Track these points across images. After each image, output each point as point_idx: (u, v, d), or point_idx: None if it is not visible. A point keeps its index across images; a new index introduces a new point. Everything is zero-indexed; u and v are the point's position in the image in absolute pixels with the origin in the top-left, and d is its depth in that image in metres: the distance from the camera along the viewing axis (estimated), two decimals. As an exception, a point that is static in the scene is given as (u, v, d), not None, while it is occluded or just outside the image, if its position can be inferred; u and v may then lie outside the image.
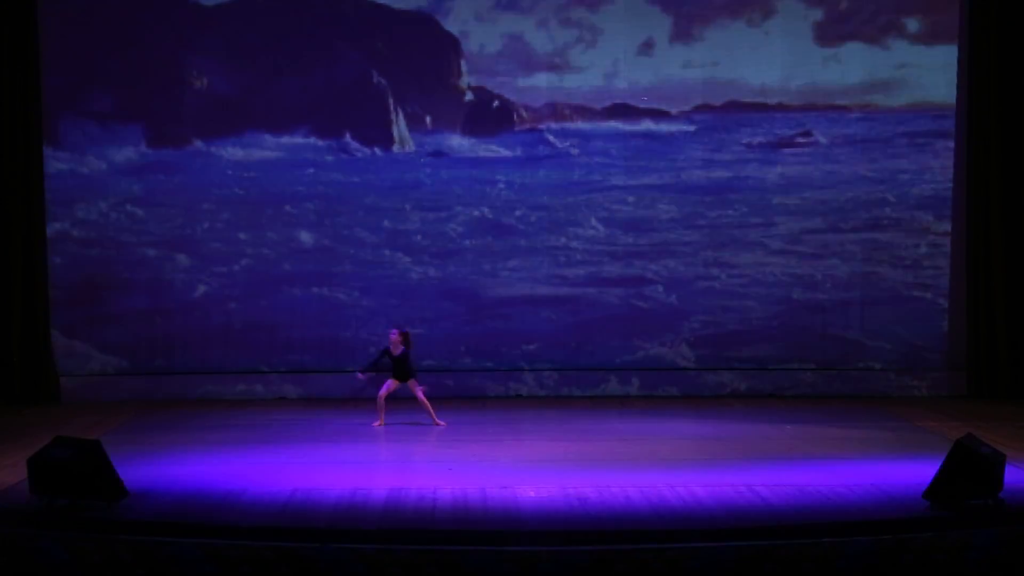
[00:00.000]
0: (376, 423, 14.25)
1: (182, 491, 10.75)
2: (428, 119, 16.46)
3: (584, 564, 8.82)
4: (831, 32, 16.39)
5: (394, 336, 14.32)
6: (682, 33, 16.41)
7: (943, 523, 9.55)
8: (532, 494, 10.62)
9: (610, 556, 8.85)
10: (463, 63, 16.42)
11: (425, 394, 14.34)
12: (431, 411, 14.27)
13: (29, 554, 8.98)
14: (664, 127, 16.45)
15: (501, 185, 16.47)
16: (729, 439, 13.44)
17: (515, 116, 16.46)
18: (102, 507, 9.98)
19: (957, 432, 11.59)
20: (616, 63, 16.41)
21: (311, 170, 16.37)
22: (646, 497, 10.46)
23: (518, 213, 16.50)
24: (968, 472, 9.93)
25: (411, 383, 14.29)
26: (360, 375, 14.78)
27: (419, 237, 16.46)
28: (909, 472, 11.19)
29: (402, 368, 14.28)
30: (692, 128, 16.46)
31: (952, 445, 10.27)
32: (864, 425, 14.22)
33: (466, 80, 16.45)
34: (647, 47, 16.42)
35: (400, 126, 16.41)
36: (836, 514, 9.88)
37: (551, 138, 16.47)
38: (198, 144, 16.32)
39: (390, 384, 14.32)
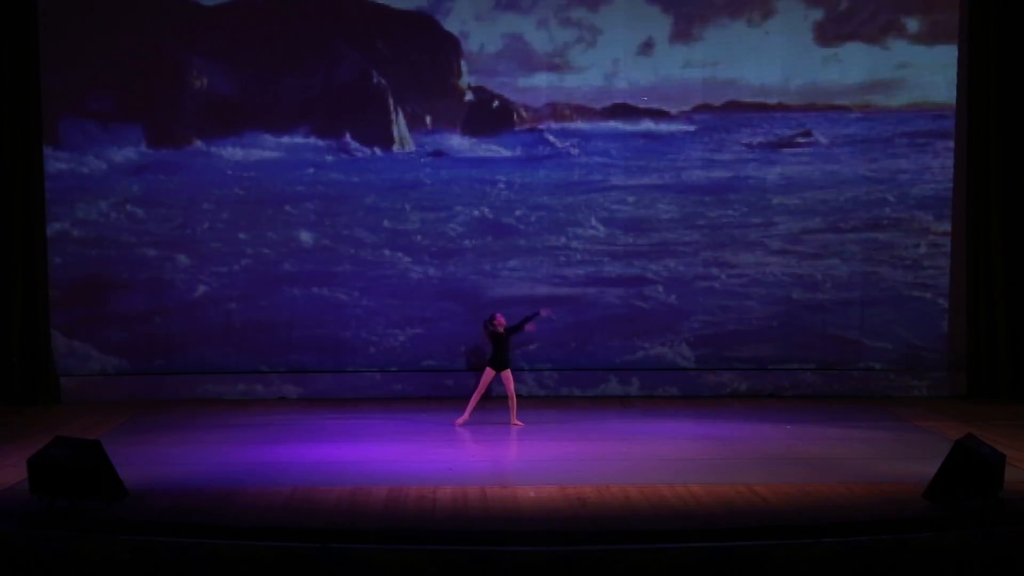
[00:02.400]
0: (459, 421, 14.29)
1: (182, 491, 10.76)
2: (428, 119, 16.46)
3: (584, 564, 8.81)
4: (831, 32, 16.39)
5: (501, 319, 14.30)
6: (682, 33, 16.41)
7: (943, 523, 9.56)
8: (532, 494, 10.63)
9: (610, 556, 8.85)
10: (463, 63, 16.42)
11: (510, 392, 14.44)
12: (514, 408, 14.30)
13: (29, 554, 8.97)
14: (664, 127, 16.45)
15: (501, 185, 16.47)
16: (729, 439, 13.44)
17: (515, 116, 16.46)
18: (102, 507, 9.99)
19: (957, 432, 11.60)
20: (616, 63, 16.41)
21: (311, 170, 16.37)
22: (646, 497, 10.47)
23: (518, 213, 16.50)
24: (968, 472, 9.93)
25: (506, 374, 14.28)
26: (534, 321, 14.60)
27: (419, 237, 16.46)
28: (909, 472, 11.20)
29: (503, 354, 14.25)
30: (692, 128, 16.46)
31: (952, 445, 10.28)
32: (864, 425, 14.22)
33: (466, 80, 16.45)
34: (647, 47, 16.42)
35: (400, 126, 16.41)
36: (836, 514, 9.89)
37: (551, 138, 16.47)
38: (198, 144, 16.32)
39: (488, 376, 14.29)
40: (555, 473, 11.52)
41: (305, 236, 16.40)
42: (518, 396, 16.24)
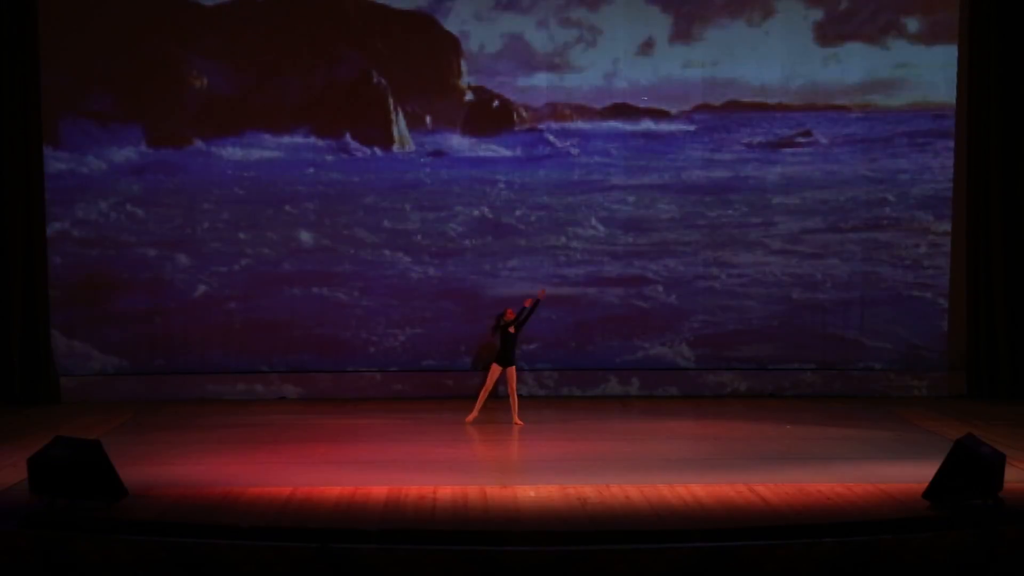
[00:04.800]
0: (469, 418, 14.27)
1: (182, 491, 10.75)
2: (428, 119, 16.46)
3: (584, 564, 8.82)
4: (831, 32, 16.39)
5: (511, 313, 14.32)
6: (682, 33, 16.41)
7: (943, 523, 9.56)
8: (532, 494, 10.63)
9: (610, 556, 8.85)
10: (463, 63, 16.42)
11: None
12: (516, 407, 14.32)
13: (29, 554, 8.98)
14: (664, 127, 16.45)
15: (501, 185, 16.47)
16: (729, 439, 13.44)
17: (515, 116, 16.46)
18: (102, 507, 9.99)
19: (957, 432, 11.59)
20: (616, 63, 16.42)
21: (311, 170, 16.38)
22: (646, 497, 10.46)
23: (518, 213, 16.50)
24: (968, 472, 9.93)
25: (510, 371, 14.29)
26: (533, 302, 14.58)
27: (419, 237, 16.46)
28: (909, 472, 11.20)
29: (510, 350, 14.26)
30: (692, 128, 16.46)
31: (952, 445, 10.27)
32: (864, 425, 14.22)
33: (466, 80, 16.45)
34: (647, 47, 16.42)
35: (400, 126, 16.41)
36: (836, 514, 9.88)
37: (551, 138, 16.47)
38: (198, 144, 16.32)
39: (494, 372, 14.29)
40: (555, 473, 11.52)
41: (305, 236, 16.40)
42: (518, 396, 16.29)
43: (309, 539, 9.13)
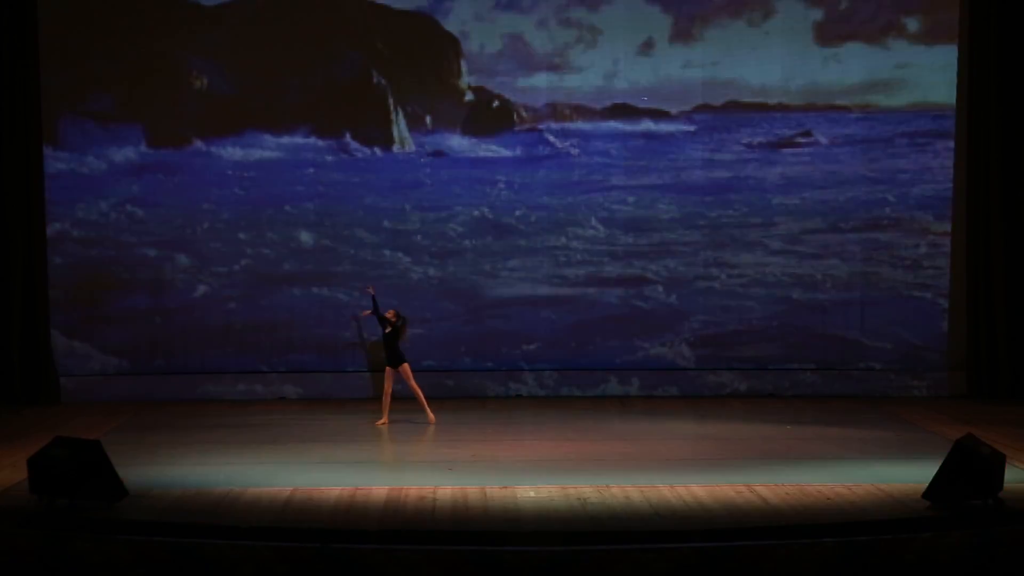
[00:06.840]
0: (379, 422, 14.24)
1: (182, 491, 10.76)
2: (428, 119, 16.46)
3: (584, 564, 8.82)
4: (831, 32, 16.39)
5: (389, 314, 14.38)
6: (682, 33, 16.41)
7: (943, 523, 9.56)
8: (532, 494, 10.63)
9: (610, 556, 8.85)
10: (463, 63, 16.42)
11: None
12: (425, 404, 14.31)
13: (29, 554, 8.98)
14: (664, 127, 16.45)
15: (501, 185, 16.47)
16: (729, 439, 13.44)
17: (515, 116, 16.46)
18: (102, 507, 9.99)
19: (957, 432, 11.58)
20: (616, 63, 16.42)
21: (311, 170, 16.38)
22: (646, 497, 10.46)
23: (518, 213, 16.50)
24: (968, 472, 9.93)
25: (403, 369, 14.29)
26: (369, 290, 14.91)
27: (419, 237, 16.46)
28: (909, 472, 11.20)
29: (391, 350, 14.32)
30: (692, 128, 16.46)
31: (952, 445, 10.27)
32: (864, 425, 14.22)
33: (466, 80, 16.45)
34: (647, 47, 16.42)
35: (400, 126, 16.41)
36: (836, 514, 9.88)
37: (551, 138, 16.47)
38: (198, 144, 16.32)
39: (389, 375, 14.31)
40: (555, 473, 11.52)
41: (305, 236, 16.40)
42: (518, 396, 16.31)
43: (309, 539, 9.13)
